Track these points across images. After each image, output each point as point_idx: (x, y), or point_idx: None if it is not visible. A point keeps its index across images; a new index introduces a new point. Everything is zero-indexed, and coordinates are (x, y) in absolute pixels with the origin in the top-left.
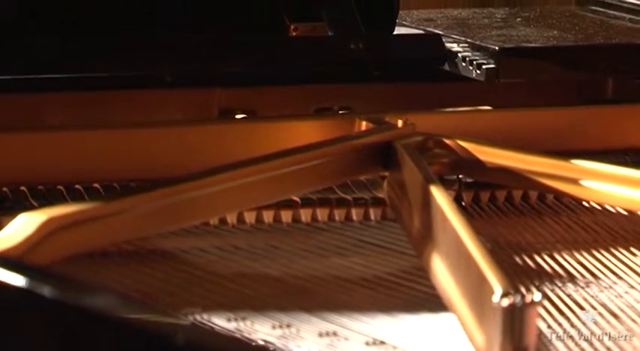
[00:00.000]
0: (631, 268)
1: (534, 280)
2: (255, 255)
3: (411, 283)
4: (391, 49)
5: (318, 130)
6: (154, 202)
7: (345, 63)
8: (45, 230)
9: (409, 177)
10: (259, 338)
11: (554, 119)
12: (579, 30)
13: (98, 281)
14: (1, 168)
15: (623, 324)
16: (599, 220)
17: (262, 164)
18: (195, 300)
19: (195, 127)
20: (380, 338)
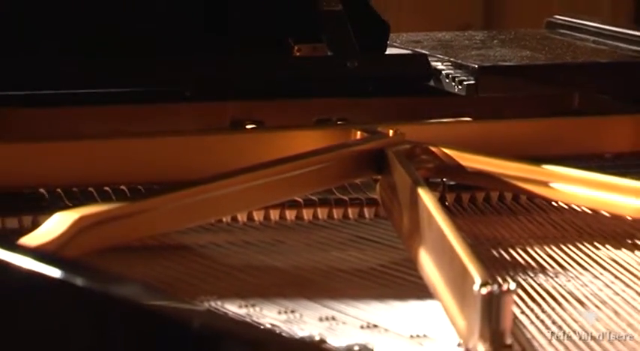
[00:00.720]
0: (595, 261)
1: (509, 271)
2: (263, 249)
3: (400, 273)
4: (383, 67)
5: (319, 139)
6: (174, 202)
7: (343, 79)
8: (77, 227)
9: (399, 180)
10: (267, 322)
11: (526, 129)
12: (549, 50)
13: (124, 272)
14: (39, 172)
15: (588, 308)
16: (566, 218)
17: (269, 169)
18: (210, 289)
19: (209, 136)
20: (373, 322)
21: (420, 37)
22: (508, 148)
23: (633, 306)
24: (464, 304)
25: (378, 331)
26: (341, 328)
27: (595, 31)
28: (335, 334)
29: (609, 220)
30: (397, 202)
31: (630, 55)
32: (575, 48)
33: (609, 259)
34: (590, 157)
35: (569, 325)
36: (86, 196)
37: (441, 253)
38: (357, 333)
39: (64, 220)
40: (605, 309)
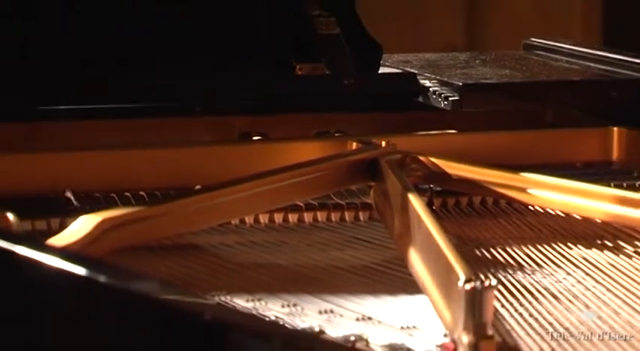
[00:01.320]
0: (567, 259)
1: (490, 269)
2: (268, 248)
3: (392, 270)
4: (376, 85)
5: (318, 149)
6: (188, 206)
7: (340, 96)
8: (100, 229)
9: (391, 186)
10: (271, 315)
11: (505, 141)
12: (526, 69)
13: (142, 270)
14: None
15: (562, 303)
16: (542, 221)
17: (273, 176)
18: (220, 284)
19: (220, 147)
20: (367, 315)
21: (410, 58)
22: (489, 158)
23: (603, 300)
24: (449, 298)
25: (372, 322)
26: (338, 320)
27: (567, 52)
28: (333, 326)
29: (580, 223)
30: (389, 206)
31: (599, 74)
32: (550, 67)
33: (580, 257)
34: (562, 166)
35: (545, 317)
36: (108, 200)
37: (428, 252)
38: (352, 325)
39: (88, 222)
40: (577, 303)
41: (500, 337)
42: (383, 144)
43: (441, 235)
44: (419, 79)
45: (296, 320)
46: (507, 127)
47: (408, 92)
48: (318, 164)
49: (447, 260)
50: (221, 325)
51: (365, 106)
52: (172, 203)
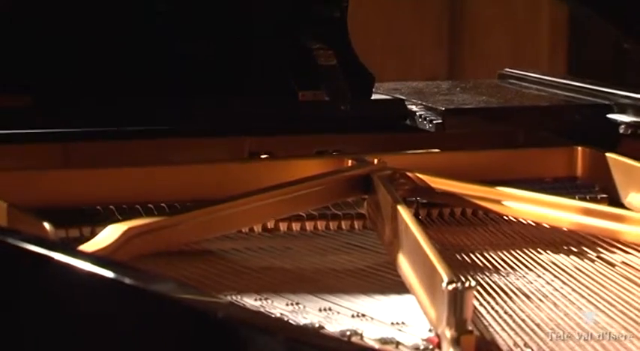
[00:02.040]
0: (538, 263)
1: (470, 272)
2: (274, 253)
3: (383, 273)
4: (369, 109)
5: (318, 166)
6: (204, 216)
7: (337, 119)
8: (125, 236)
9: (382, 199)
10: (277, 312)
11: (483, 159)
12: (500, 96)
13: (162, 272)
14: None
15: (533, 302)
16: (515, 229)
17: (278, 190)
18: (231, 285)
19: (232, 164)
20: (362, 312)
21: (398, 86)
22: (468, 174)
23: (569, 299)
24: (434, 297)
25: (365, 319)
26: (336, 317)
27: (537, 81)
28: (331, 322)
29: (549, 231)
30: (381, 216)
31: (565, 100)
32: (521, 94)
33: (549, 261)
34: (533, 181)
35: (518, 315)
36: (133, 211)
37: (415, 256)
38: (348, 321)
39: (115, 230)
40: (547, 302)
41: (479, 332)
42: (375, 161)
43: (426, 242)
44: (407, 104)
45: (298, 317)
46: (484, 146)
47: (397, 116)
48: (318, 179)
49: (432, 264)
50: (232, 322)
51: (359, 128)
52: (190, 214)
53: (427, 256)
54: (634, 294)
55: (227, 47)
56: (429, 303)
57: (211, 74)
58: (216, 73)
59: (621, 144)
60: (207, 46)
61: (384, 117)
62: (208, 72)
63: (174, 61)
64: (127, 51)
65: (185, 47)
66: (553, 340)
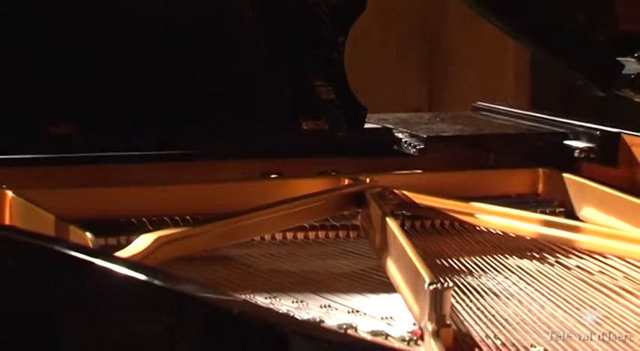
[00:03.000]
0: (505, 267)
1: (448, 274)
2: (281, 258)
3: (374, 275)
4: (362, 136)
5: (320, 184)
6: (222, 227)
7: (336, 145)
8: (156, 244)
9: (373, 212)
10: (284, 309)
11: (458, 178)
12: (473, 125)
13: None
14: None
15: (501, 300)
16: (486, 238)
17: (286, 204)
18: (246, 285)
19: (246, 183)
20: (356, 308)
21: (386, 117)
22: (446, 191)
23: (532, 297)
24: (417, 296)
25: (359, 314)
26: (334, 313)
27: (504, 113)
28: (330, 317)
29: (514, 239)
30: (372, 227)
31: (528, 129)
32: (491, 124)
33: (515, 265)
34: (501, 197)
35: (489, 311)
36: (162, 223)
37: (401, 261)
38: (345, 316)
39: (147, 239)
40: (513, 300)
41: (456, 325)
42: (367, 180)
43: (411, 249)
44: (394, 132)
45: (302, 313)
46: (460, 168)
47: (386, 142)
48: (319, 195)
49: (416, 267)
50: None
51: (354, 152)
52: (210, 225)
53: (411, 260)
54: (587, 293)
55: (242, 84)
56: (413, 301)
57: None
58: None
59: (576, 166)
60: (226, 83)
61: (375, 143)
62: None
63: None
64: (155, 88)
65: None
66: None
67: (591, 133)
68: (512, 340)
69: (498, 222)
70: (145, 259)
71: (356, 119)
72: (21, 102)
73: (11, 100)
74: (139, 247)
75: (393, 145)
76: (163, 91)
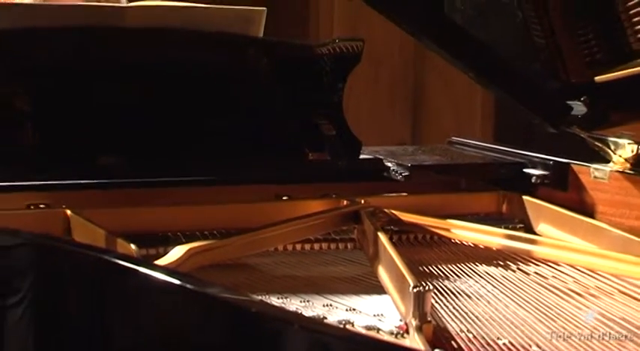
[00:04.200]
0: (475, 272)
1: (428, 279)
2: (291, 266)
3: (368, 279)
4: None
5: (323, 205)
6: (242, 240)
7: (336, 172)
8: (188, 254)
9: (367, 228)
10: (293, 307)
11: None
12: (449, 156)
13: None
14: (167, 223)
15: (473, 300)
16: (459, 249)
17: (295, 221)
18: (262, 288)
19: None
20: (353, 307)
21: (378, 149)
22: (426, 210)
23: (498, 298)
24: (403, 297)
25: (356, 312)
26: (335, 311)
27: (474, 146)
28: (331, 314)
29: (483, 250)
30: (366, 239)
31: (493, 159)
32: (463, 155)
33: (484, 272)
34: (471, 215)
35: (462, 309)
36: (193, 236)
37: (390, 267)
38: (344, 314)
39: (180, 250)
40: (482, 300)
41: (435, 321)
42: (362, 202)
43: (398, 257)
44: (384, 162)
45: (308, 311)
46: (438, 191)
47: (377, 170)
48: (322, 214)
49: (402, 273)
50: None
51: (351, 178)
52: (233, 238)
53: (398, 267)
54: (543, 294)
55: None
56: (400, 301)
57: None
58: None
59: (533, 190)
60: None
61: (368, 171)
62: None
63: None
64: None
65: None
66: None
67: (545, 163)
68: (481, 334)
69: (469, 236)
70: (178, 267)
71: (352, 151)
72: (79, 139)
73: (71, 138)
74: (174, 257)
75: (383, 172)
76: (194, 129)
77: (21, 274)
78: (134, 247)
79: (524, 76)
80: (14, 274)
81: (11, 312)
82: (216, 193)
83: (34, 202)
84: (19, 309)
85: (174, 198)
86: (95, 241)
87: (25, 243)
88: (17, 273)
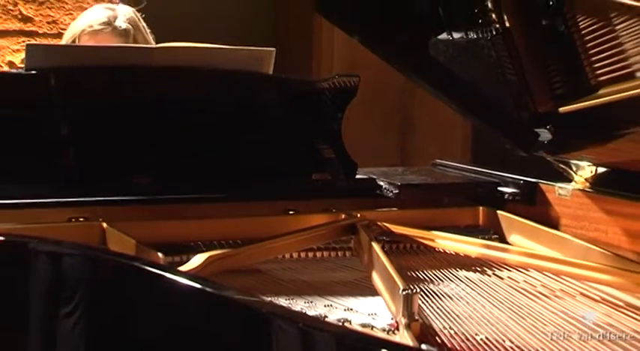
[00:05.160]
0: (456, 277)
1: (416, 283)
2: (297, 271)
3: (363, 283)
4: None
5: (324, 218)
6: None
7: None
8: (207, 261)
9: (362, 238)
10: (299, 308)
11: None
12: (433, 176)
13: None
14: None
15: (454, 301)
16: (442, 256)
17: (300, 232)
18: (271, 291)
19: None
20: (350, 307)
21: (371, 170)
22: (414, 223)
23: (476, 300)
24: (394, 298)
25: (352, 311)
26: (334, 311)
27: (455, 167)
28: (331, 313)
29: (463, 257)
30: (361, 248)
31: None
32: (446, 175)
33: (463, 276)
34: (453, 227)
35: (445, 309)
36: (212, 245)
37: (383, 273)
38: (342, 313)
39: (201, 257)
40: (462, 301)
41: (422, 319)
42: (358, 215)
43: (389, 264)
44: (377, 181)
45: (311, 311)
46: (423, 207)
47: (371, 188)
48: (324, 226)
49: (393, 278)
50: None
51: (349, 195)
52: (246, 247)
53: (389, 273)
54: (514, 296)
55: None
56: (391, 302)
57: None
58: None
59: (506, 205)
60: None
61: (363, 189)
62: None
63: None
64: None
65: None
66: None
67: (517, 182)
68: (462, 330)
69: (451, 245)
70: (199, 272)
71: (350, 172)
72: (113, 162)
73: (106, 161)
74: (195, 263)
75: (376, 190)
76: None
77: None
78: (161, 255)
79: (498, 107)
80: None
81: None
82: (233, 208)
83: (75, 216)
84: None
85: (196, 212)
86: (127, 249)
87: (67, 252)
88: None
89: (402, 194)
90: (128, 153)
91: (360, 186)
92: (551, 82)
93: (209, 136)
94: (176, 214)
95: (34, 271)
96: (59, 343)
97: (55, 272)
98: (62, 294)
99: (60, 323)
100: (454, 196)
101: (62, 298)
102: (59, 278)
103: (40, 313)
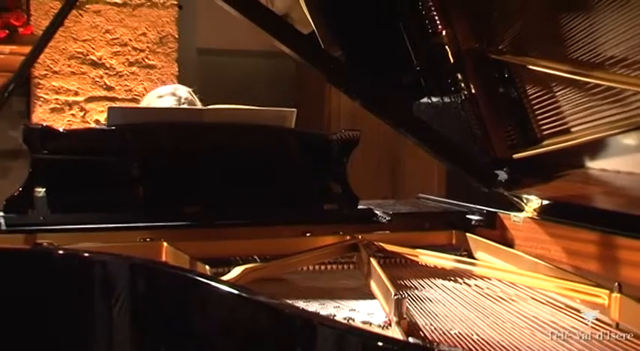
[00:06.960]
0: (436, 285)
1: (404, 289)
2: (312, 280)
3: (364, 289)
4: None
5: (333, 239)
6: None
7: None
8: (243, 272)
9: (363, 255)
10: (314, 309)
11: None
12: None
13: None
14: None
15: (434, 303)
16: (425, 269)
17: (314, 250)
18: (292, 295)
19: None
20: (354, 308)
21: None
22: (403, 243)
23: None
24: (387, 302)
25: (356, 312)
26: (341, 311)
27: (433, 200)
28: (339, 313)
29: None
30: (362, 262)
31: (446, 208)
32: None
33: (440, 284)
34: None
35: (426, 309)
36: (247, 260)
37: (378, 281)
38: (347, 313)
39: (239, 269)
40: (439, 304)
41: (409, 318)
42: (359, 237)
43: (384, 274)
44: (374, 210)
45: (324, 311)
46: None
47: (369, 216)
48: (333, 245)
49: (386, 285)
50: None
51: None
52: (274, 261)
53: (384, 281)
54: (480, 300)
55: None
56: (385, 304)
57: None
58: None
59: (473, 229)
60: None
61: (363, 216)
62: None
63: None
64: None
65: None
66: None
67: (481, 211)
68: (440, 327)
69: (431, 260)
70: (237, 281)
71: (353, 203)
72: (172, 195)
73: (167, 194)
74: (234, 274)
75: (373, 217)
76: (248, 189)
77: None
78: (208, 267)
79: (466, 153)
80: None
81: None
82: (263, 231)
83: (143, 237)
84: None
85: (235, 235)
86: (181, 263)
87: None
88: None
89: (393, 221)
90: (184, 189)
91: (360, 214)
92: (507, 135)
93: (245, 175)
94: (220, 236)
95: (111, 280)
96: (120, 338)
97: (127, 282)
98: (132, 299)
99: (119, 319)
100: (433, 222)
101: (131, 304)
102: (129, 287)
103: (110, 313)
